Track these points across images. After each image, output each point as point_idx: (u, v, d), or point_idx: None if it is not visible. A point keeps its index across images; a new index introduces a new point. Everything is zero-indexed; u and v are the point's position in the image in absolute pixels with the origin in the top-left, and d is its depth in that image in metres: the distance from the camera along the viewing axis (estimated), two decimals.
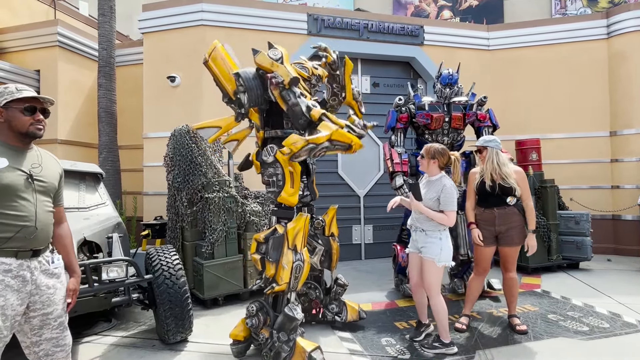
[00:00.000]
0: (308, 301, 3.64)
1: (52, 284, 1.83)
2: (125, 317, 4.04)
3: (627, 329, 3.46)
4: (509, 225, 3.35)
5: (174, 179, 4.58)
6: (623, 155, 6.76)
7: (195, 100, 6.08)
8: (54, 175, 1.91)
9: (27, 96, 1.80)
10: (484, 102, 4.64)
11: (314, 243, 3.52)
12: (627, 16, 6.78)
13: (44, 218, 1.80)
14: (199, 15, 6.12)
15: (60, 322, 1.86)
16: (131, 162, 7.05)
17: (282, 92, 2.77)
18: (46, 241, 1.84)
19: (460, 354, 3.02)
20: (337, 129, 2.67)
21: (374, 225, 6.75)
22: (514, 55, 7.28)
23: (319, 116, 2.73)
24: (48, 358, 1.83)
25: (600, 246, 6.47)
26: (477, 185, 3.44)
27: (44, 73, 6.85)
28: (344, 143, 2.69)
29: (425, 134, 4.68)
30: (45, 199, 1.84)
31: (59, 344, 1.85)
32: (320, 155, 2.81)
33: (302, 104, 2.75)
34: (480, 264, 3.51)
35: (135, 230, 6.67)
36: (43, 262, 1.82)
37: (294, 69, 2.89)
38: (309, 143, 2.63)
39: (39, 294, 1.77)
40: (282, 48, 2.93)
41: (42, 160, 1.87)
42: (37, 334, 1.80)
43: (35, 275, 1.76)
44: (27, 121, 1.78)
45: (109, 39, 6.60)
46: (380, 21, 6.83)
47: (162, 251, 3.39)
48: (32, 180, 1.77)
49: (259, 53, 2.89)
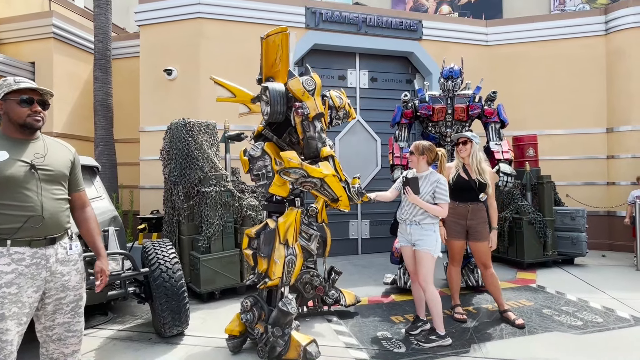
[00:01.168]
0: (313, 288, 3.67)
1: (67, 271, 1.87)
2: (121, 310, 4.04)
3: (620, 323, 3.50)
4: (479, 220, 3.54)
5: (170, 173, 4.56)
6: (619, 152, 6.79)
7: (192, 93, 6.04)
8: (62, 163, 1.92)
9: (24, 87, 1.81)
10: (494, 98, 4.60)
11: (309, 230, 3.59)
12: (625, 12, 6.78)
13: (50, 206, 1.81)
14: (195, 7, 6.07)
15: (72, 308, 1.89)
16: (127, 156, 7.01)
17: (304, 121, 2.80)
18: (60, 228, 1.86)
19: (455, 348, 3.05)
20: (334, 176, 2.72)
21: (370, 220, 6.76)
22: (512, 50, 7.28)
23: (327, 155, 2.79)
24: (60, 342, 1.87)
25: (595, 242, 6.53)
26: (453, 179, 3.54)
27: (39, 65, 6.77)
28: (332, 192, 2.75)
29: (429, 127, 4.70)
30: (52, 187, 1.84)
31: (70, 329, 1.89)
32: (306, 189, 2.82)
33: (319, 140, 2.82)
34: (455, 256, 3.70)
35: (131, 224, 6.65)
36: (59, 249, 1.85)
37: (320, 104, 2.89)
38: (302, 168, 2.66)
39: (54, 280, 1.82)
40: (317, 77, 2.91)
41: (47, 149, 1.88)
42: (50, 318, 1.84)
43: (50, 263, 1.80)
44: (24, 112, 1.80)
45: (105, 31, 6.53)
46: (378, 15, 6.79)
47: (159, 245, 3.38)
48: (35, 170, 1.78)
49: (294, 78, 2.87)
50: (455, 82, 4.52)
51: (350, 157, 6.74)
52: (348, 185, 2.85)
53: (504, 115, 4.63)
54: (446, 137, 4.67)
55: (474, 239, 3.57)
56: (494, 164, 4.44)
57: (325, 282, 3.74)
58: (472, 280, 4.46)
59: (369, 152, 6.91)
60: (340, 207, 2.84)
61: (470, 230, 3.55)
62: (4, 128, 1.82)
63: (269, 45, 2.86)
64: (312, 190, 2.79)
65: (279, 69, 2.88)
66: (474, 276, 4.45)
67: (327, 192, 2.76)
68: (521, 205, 5.58)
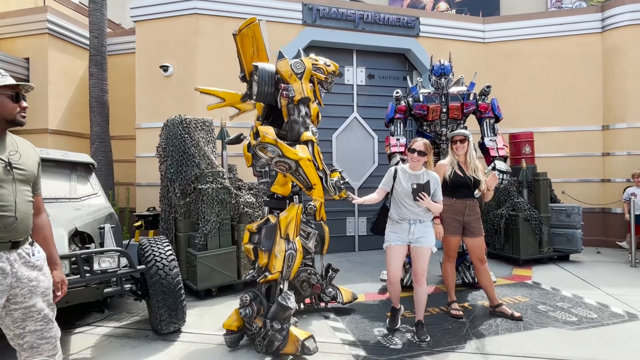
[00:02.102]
0: (310, 286, 3.67)
1: (34, 277, 1.78)
2: (118, 307, 4.04)
3: (614, 319, 3.53)
4: (475, 216, 3.60)
5: (167, 170, 4.55)
6: (614, 149, 6.83)
7: (189, 90, 5.99)
8: (32, 164, 1.84)
9: (13, 83, 1.74)
10: (487, 92, 4.57)
11: (308, 228, 3.60)
12: (621, 10, 6.80)
13: (23, 208, 1.74)
14: (192, 3, 6.03)
15: (44, 315, 1.80)
16: (123, 153, 6.97)
17: (289, 104, 2.79)
18: (26, 232, 1.78)
19: (451, 344, 3.07)
20: (309, 161, 2.68)
21: (367, 217, 6.77)
22: (509, 47, 7.28)
23: (306, 140, 2.76)
24: (33, 350, 1.79)
25: (589, 239, 6.57)
26: (450, 176, 3.55)
27: (34, 61, 6.71)
28: (307, 178, 2.71)
29: (424, 126, 4.68)
30: (24, 188, 1.77)
31: (43, 337, 1.81)
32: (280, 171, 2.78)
33: (302, 124, 2.79)
34: (450, 252, 3.73)
35: (128, 221, 6.63)
36: (23, 254, 1.76)
37: (308, 88, 2.86)
38: (277, 146, 2.63)
39: (20, 286, 1.72)
40: (307, 61, 2.90)
41: (18, 147, 1.80)
42: (20, 326, 1.76)
43: (15, 268, 1.71)
44: (14, 108, 1.75)
45: (100, 27, 6.48)
46: (376, 12, 6.77)
47: (155, 242, 3.37)
48: (11, 168, 1.70)
49: (283, 59, 2.86)
50: (447, 78, 4.50)
51: (347, 154, 6.74)
52: (326, 176, 2.81)
53: (498, 111, 4.59)
54: (442, 135, 4.66)
55: (470, 235, 3.59)
56: (489, 161, 4.44)
57: (323, 279, 3.75)
58: (467, 277, 4.48)
59: (366, 149, 6.91)
60: (314, 196, 2.79)
61: (467, 226, 3.58)
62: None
63: (243, 40, 2.87)
64: (288, 174, 2.75)
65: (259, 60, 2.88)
66: (470, 273, 4.47)
67: (301, 177, 2.72)
68: (517, 202, 5.61)
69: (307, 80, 2.89)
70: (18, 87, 1.77)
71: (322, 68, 3.14)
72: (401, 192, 3.17)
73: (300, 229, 3.52)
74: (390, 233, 3.25)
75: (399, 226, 3.20)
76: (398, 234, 3.21)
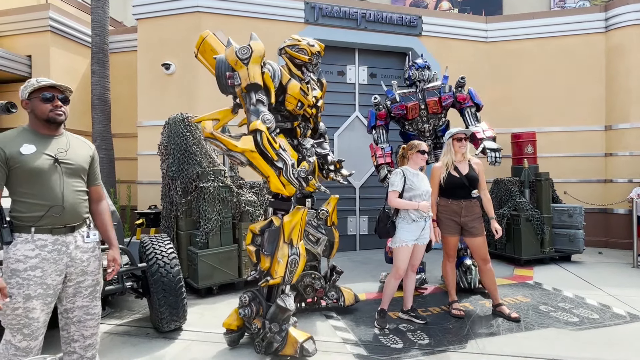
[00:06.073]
0: (313, 291, 3.66)
1: (86, 257, 2.01)
2: (119, 305, 4.04)
3: (616, 320, 3.52)
4: (473, 217, 3.56)
5: (168, 168, 4.54)
6: (617, 150, 6.80)
7: (191, 88, 6.01)
8: (83, 158, 2.08)
9: (45, 85, 1.96)
10: (463, 83, 4.56)
11: (317, 234, 3.55)
12: (625, 10, 6.76)
13: (71, 198, 1.96)
14: (194, 1, 6.02)
15: (90, 292, 2.04)
16: (125, 151, 6.97)
17: (242, 93, 2.65)
18: (78, 218, 2.00)
19: (453, 344, 3.06)
20: (251, 150, 2.49)
21: (369, 216, 6.77)
22: (512, 47, 7.25)
23: (252, 129, 2.54)
24: (80, 325, 2.01)
25: (591, 239, 6.55)
26: (444, 178, 3.57)
27: (36, 59, 6.71)
28: (259, 167, 2.54)
29: (406, 125, 4.68)
30: (72, 179, 2.00)
31: (89, 312, 2.03)
32: (236, 164, 2.71)
33: (253, 112, 2.58)
34: (449, 252, 3.72)
35: (129, 219, 6.64)
36: (78, 237, 2.00)
37: (257, 73, 2.67)
38: (215, 138, 2.52)
39: (74, 265, 1.96)
40: (258, 45, 2.71)
41: (70, 144, 2.05)
42: (70, 301, 1.99)
43: (70, 249, 1.95)
44: (47, 108, 1.96)
45: (102, 24, 6.47)
46: (378, 11, 6.76)
47: (157, 240, 3.37)
48: (58, 163, 1.94)
49: (230, 47, 2.72)
50: (431, 71, 4.59)
51: (349, 153, 6.72)
52: (286, 167, 2.59)
53: (477, 99, 4.56)
54: (424, 132, 4.65)
55: (470, 235, 3.57)
56: (477, 145, 4.33)
57: (326, 282, 3.71)
58: (464, 282, 4.27)
59: (367, 149, 6.86)
60: (271, 188, 2.67)
61: (466, 227, 3.56)
62: (31, 124, 1.99)
63: (205, 56, 2.86)
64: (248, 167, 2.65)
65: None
66: (466, 278, 4.27)
67: (256, 170, 2.59)
68: (519, 202, 5.59)
69: (257, 64, 2.69)
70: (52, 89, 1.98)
71: (306, 49, 3.06)
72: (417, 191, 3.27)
73: (310, 234, 3.50)
74: (406, 233, 3.29)
75: (416, 225, 3.29)
76: (412, 232, 3.29)
